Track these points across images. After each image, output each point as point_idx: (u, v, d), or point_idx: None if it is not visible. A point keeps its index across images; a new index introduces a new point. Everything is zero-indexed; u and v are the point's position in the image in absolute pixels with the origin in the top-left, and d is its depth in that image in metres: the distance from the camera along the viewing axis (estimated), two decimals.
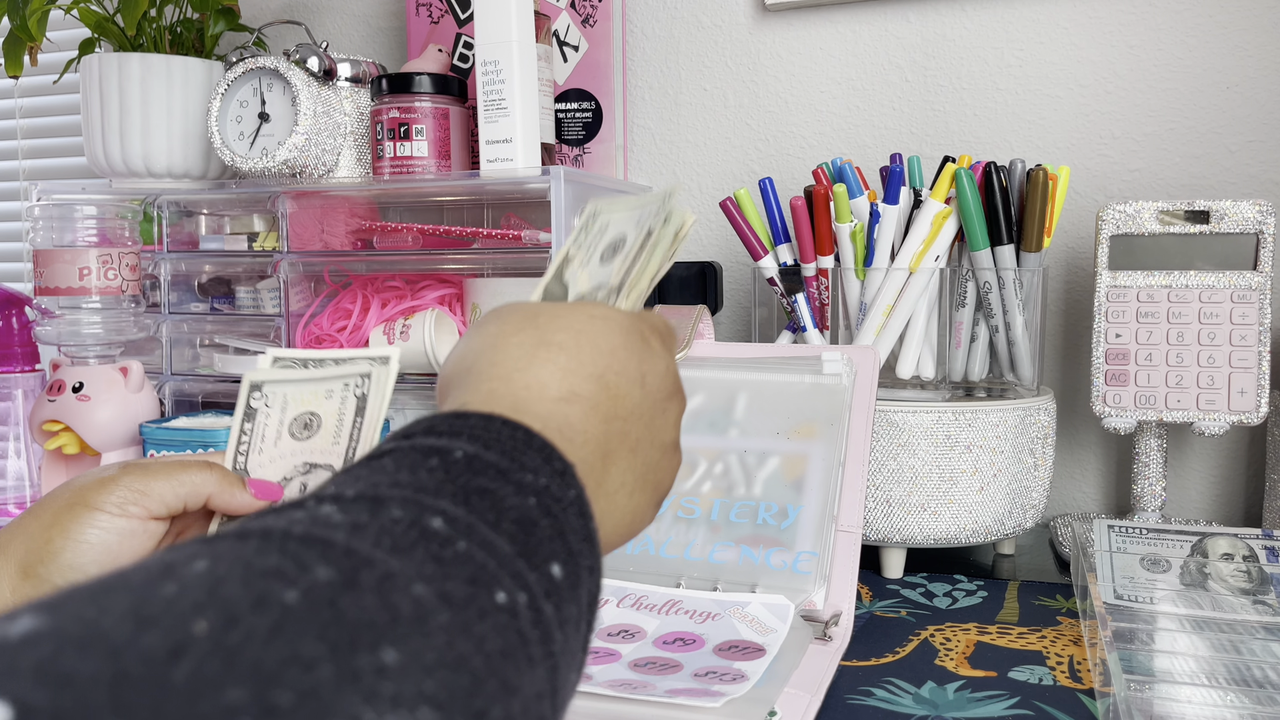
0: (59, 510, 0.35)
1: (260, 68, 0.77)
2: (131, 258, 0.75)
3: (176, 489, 0.36)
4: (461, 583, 0.20)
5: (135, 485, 0.35)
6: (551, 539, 0.24)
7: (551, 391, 0.29)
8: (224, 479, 0.37)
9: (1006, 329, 0.65)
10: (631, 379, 0.31)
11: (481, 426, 0.26)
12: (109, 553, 0.34)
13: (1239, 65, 0.73)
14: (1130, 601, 0.51)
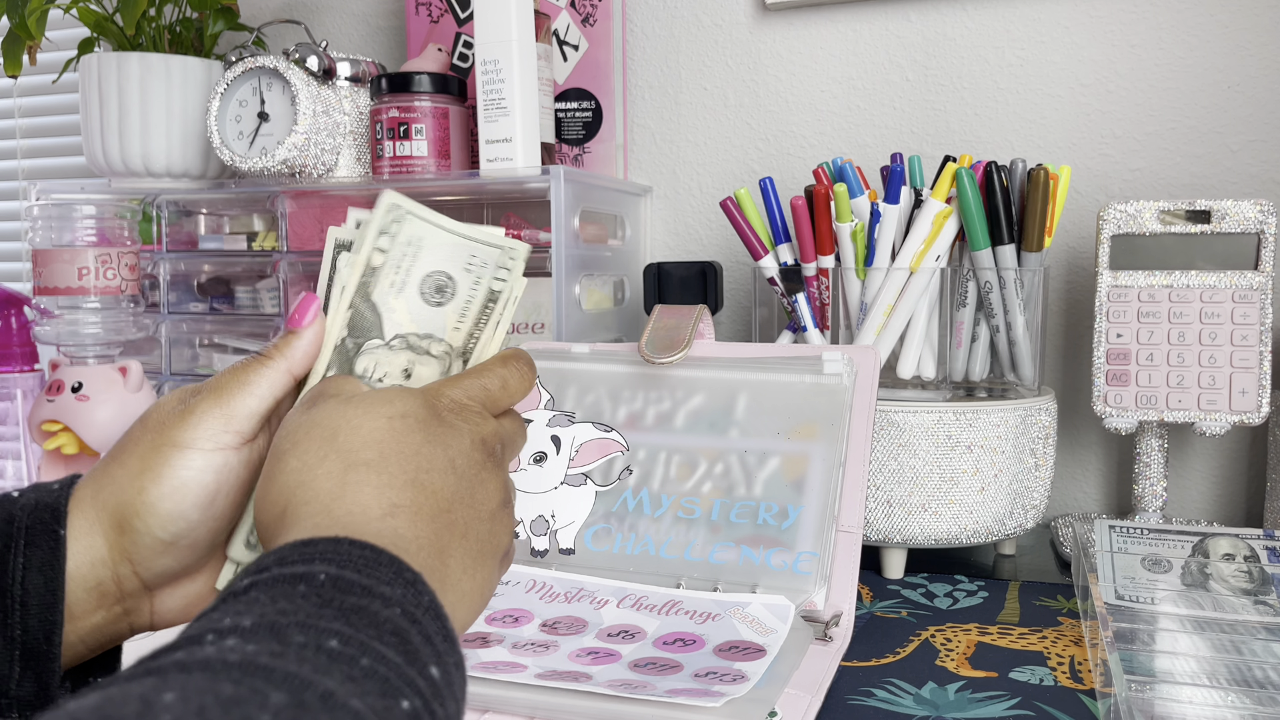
0: (145, 454, 0.33)
1: (259, 67, 0.77)
2: (130, 257, 0.75)
3: (260, 393, 0.34)
4: (377, 695, 0.22)
5: (218, 411, 0.34)
6: (423, 644, 0.25)
7: (374, 511, 0.29)
8: (281, 350, 0.36)
9: (1007, 329, 0.65)
10: (442, 469, 0.32)
11: (332, 549, 0.26)
12: (207, 491, 0.33)
13: (1240, 64, 0.73)
14: (1131, 602, 0.51)
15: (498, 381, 0.36)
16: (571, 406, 0.60)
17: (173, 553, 0.33)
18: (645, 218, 0.89)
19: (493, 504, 0.33)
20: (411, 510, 0.30)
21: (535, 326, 0.75)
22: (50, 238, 0.73)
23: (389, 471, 0.30)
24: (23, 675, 0.32)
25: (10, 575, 0.32)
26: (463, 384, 0.35)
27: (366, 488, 0.30)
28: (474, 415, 0.34)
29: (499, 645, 0.48)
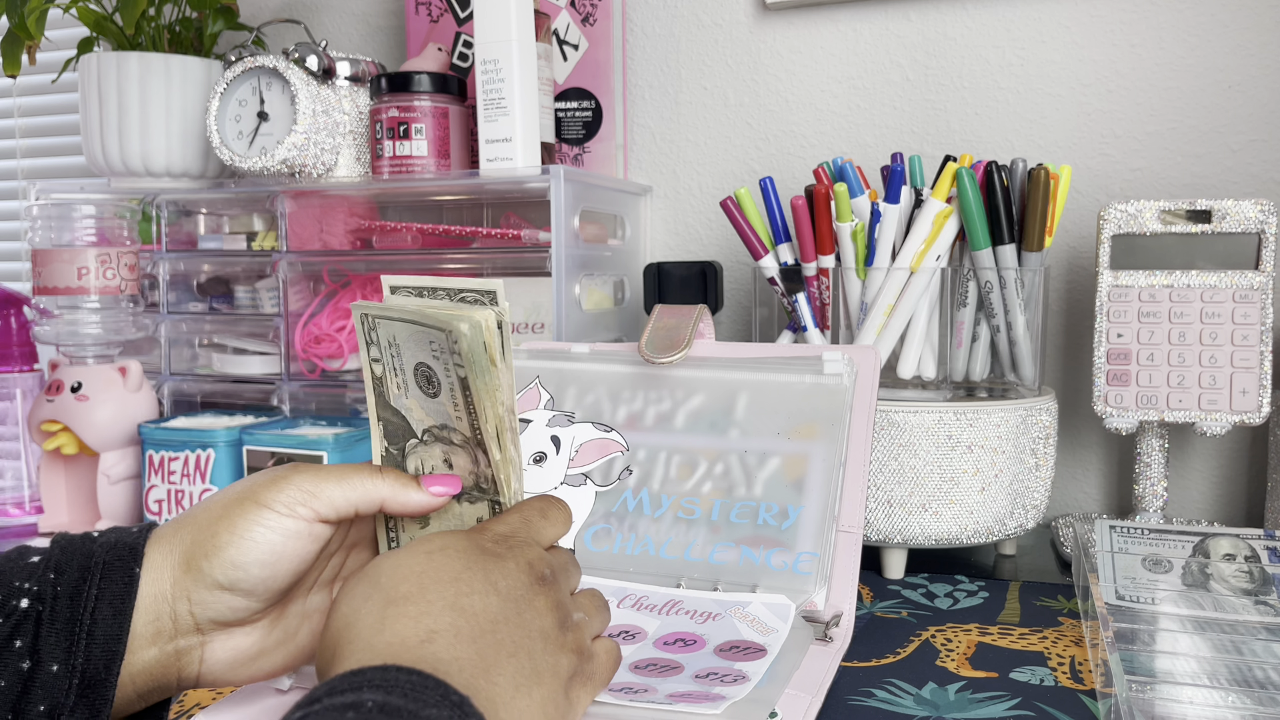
0: (229, 504, 0.36)
1: (259, 67, 0.77)
2: (130, 257, 0.75)
3: (348, 493, 0.36)
4: None
5: (306, 486, 0.36)
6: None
7: (411, 640, 0.30)
8: (397, 480, 0.38)
9: (1008, 329, 0.65)
10: (483, 591, 0.33)
11: (379, 676, 0.27)
12: (273, 551, 0.35)
13: (1241, 64, 0.73)
14: (1132, 602, 0.51)
15: (537, 512, 0.38)
16: (571, 406, 0.60)
17: (227, 599, 0.36)
18: (645, 217, 0.89)
19: (545, 623, 0.34)
20: (451, 634, 0.31)
21: (535, 326, 0.75)
22: (50, 237, 0.73)
23: (426, 599, 0.32)
24: (76, 704, 0.33)
25: (83, 606, 0.34)
26: (505, 519, 0.38)
27: (404, 619, 0.31)
28: (518, 543, 0.36)
29: None
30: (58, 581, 0.34)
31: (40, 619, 0.33)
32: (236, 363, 0.81)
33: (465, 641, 0.31)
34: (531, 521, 0.38)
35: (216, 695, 0.45)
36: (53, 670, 0.33)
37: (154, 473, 0.71)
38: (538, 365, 0.62)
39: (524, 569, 0.35)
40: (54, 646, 0.33)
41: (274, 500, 0.35)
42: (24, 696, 0.33)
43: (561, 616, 0.35)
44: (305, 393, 0.79)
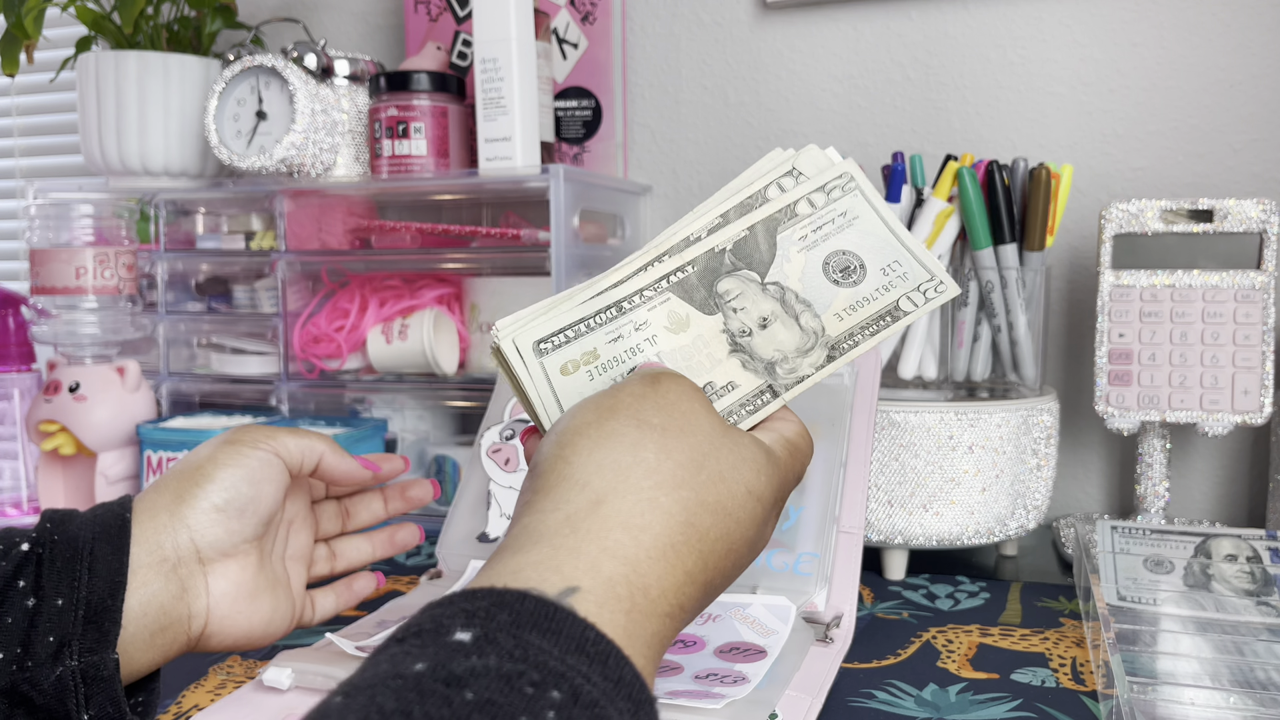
0: (207, 451, 0.41)
1: (257, 66, 0.77)
2: (128, 257, 0.75)
3: (299, 441, 0.42)
4: None
5: (264, 431, 0.42)
6: None
7: (666, 586, 0.29)
8: (335, 448, 0.43)
9: (1009, 329, 0.65)
10: (749, 522, 0.32)
11: (594, 646, 0.25)
12: (254, 475, 0.40)
13: (1243, 63, 0.72)
14: (1133, 603, 0.51)
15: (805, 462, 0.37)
16: None
17: (223, 521, 0.39)
18: (645, 217, 0.88)
19: (765, 536, 0.34)
20: (697, 588, 0.30)
21: None
22: (48, 237, 0.73)
23: (698, 531, 0.30)
24: (85, 632, 0.35)
25: (81, 546, 0.36)
26: (802, 428, 0.37)
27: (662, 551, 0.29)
28: (800, 463, 0.35)
29: None
30: (55, 531, 0.37)
31: (41, 560, 0.36)
32: (235, 363, 0.81)
33: (697, 596, 0.29)
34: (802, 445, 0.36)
35: (215, 697, 0.45)
36: (57, 604, 0.35)
37: (152, 473, 0.71)
38: None
39: (782, 499, 0.34)
40: (57, 582, 0.35)
41: (242, 438, 0.41)
42: (31, 630, 0.34)
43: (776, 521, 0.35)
44: (304, 393, 0.79)
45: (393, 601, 0.55)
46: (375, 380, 0.77)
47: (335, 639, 0.46)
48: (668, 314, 0.36)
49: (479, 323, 0.77)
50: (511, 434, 0.59)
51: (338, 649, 0.46)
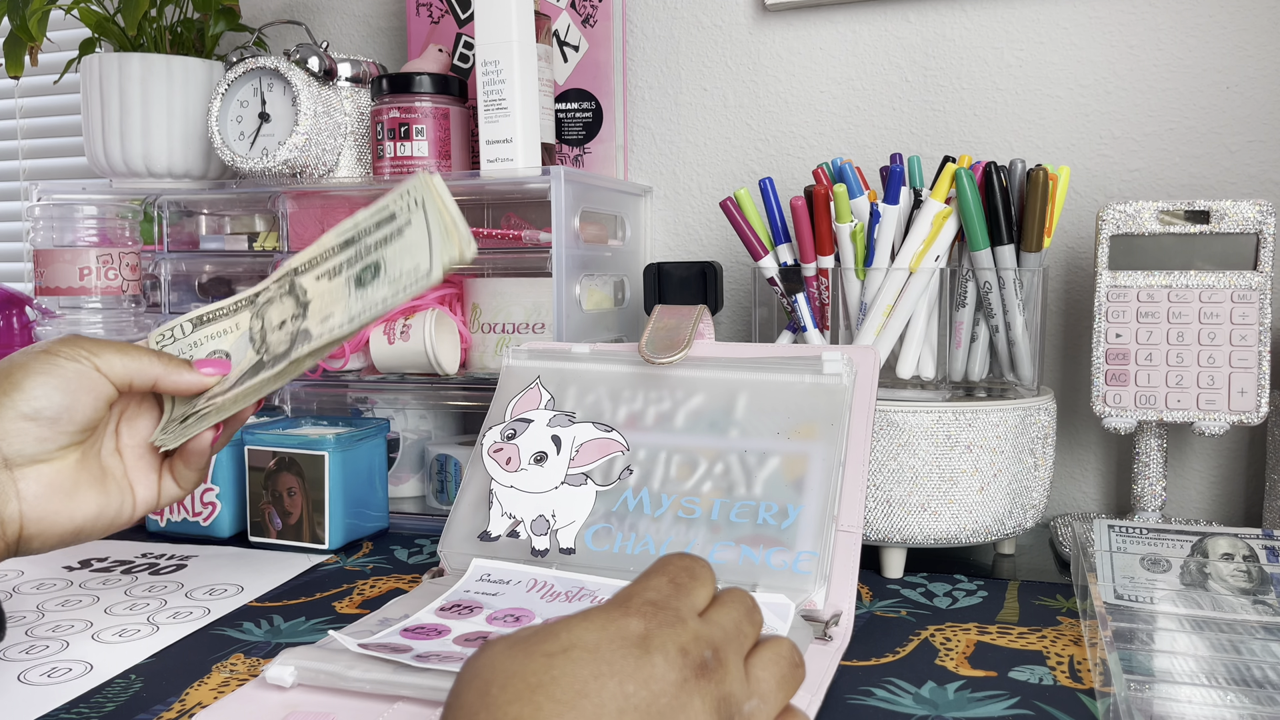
0: (21, 357, 0.41)
1: (260, 68, 0.77)
2: (132, 258, 0.75)
3: (126, 362, 0.42)
4: None
5: (86, 344, 0.42)
6: None
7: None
8: (171, 361, 0.43)
9: (1007, 329, 0.65)
10: (617, 711, 0.27)
11: None
12: (67, 386, 0.40)
13: (1239, 65, 0.73)
14: (1130, 601, 0.51)
15: (684, 571, 0.32)
16: (572, 406, 0.60)
17: (33, 430, 0.40)
18: (645, 218, 0.89)
19: None
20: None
21: (536, 326, 0.75)
22: (52, 238, 0.73)
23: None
24: None
25: None
26: (650, 582, 0.32)
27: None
28: (668, 619, 0.29)
29: None
30: None
31: None
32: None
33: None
34: (681, 583, 0.32)
35: (218, 694, 0.45)
36: None
37: None
38: (538, 365, 0.63)
39: (675, 661, 0.28)
40: None
41: (59, 350, 0.41)
42: None
43: (727, 714, 0.29)
44: (306, 392, 0.79)
45: (396, 599, 0.55)
46: (377, 380, 0.77)
47: (338, 636, 0.47)
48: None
49: (480, 323, 0.78)
50: (512, 433, 0.59)
51: (340, 645, 0.46)
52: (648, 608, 0.30)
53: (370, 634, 0.48)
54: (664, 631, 0.29)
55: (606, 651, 0.28)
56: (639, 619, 0.29)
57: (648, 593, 0.31)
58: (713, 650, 0.29)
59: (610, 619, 0.29)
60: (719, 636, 0.30)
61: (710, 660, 0.29)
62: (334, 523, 0.67)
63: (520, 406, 0.61)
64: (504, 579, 0.55)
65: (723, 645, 0.30)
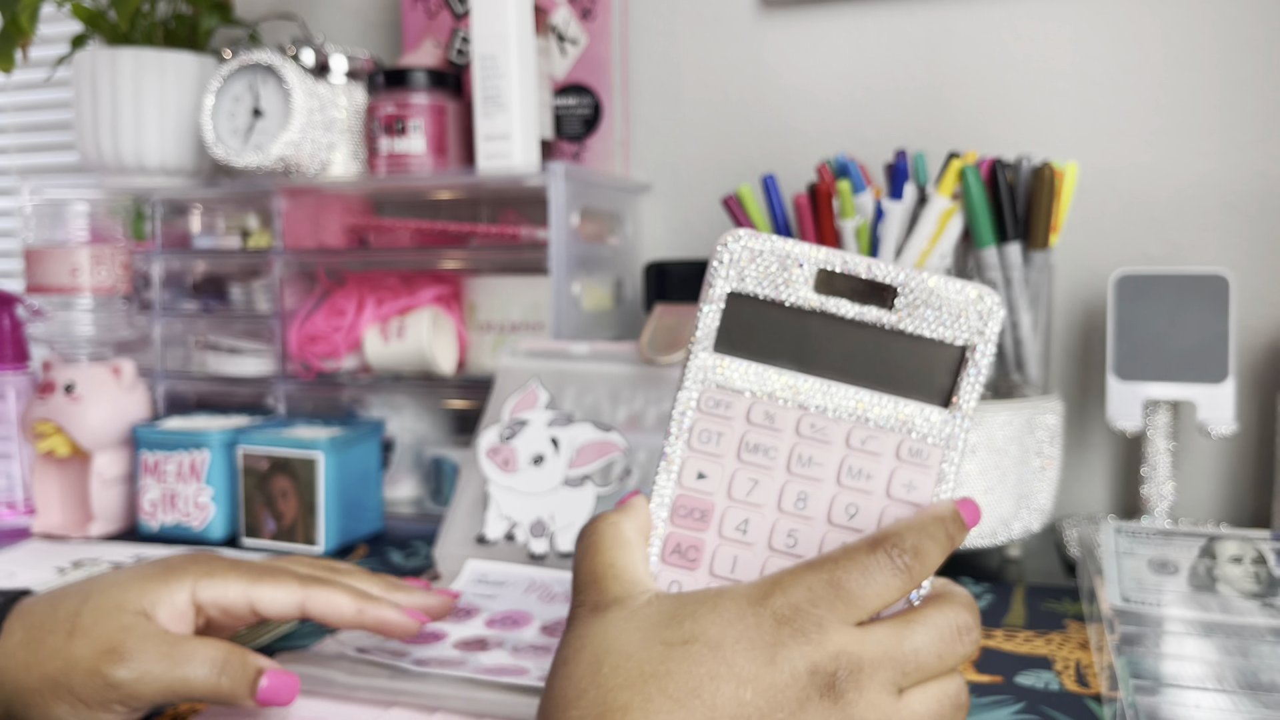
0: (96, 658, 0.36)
1: (254, 63, 0.76)
2: (123, 256, 0.75)
3: None
4: None
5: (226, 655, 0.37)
6: None
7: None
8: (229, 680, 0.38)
9: (1013, 328, 0.64)
10: (732, 709, 0.26)
11: None
12: None
13: (1249, 60, 0.72)
14: (1138, 605, 0.50)
15: (855, 567, 0.28)
16: (571, 407, 0.59)
17: None
18: (645, 215, 0.88)
19: None
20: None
21: (533, 326, 0.74)
22: (43, 236, 0.72)
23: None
24: None
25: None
26: (804, 576, 0.28)
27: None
28: (811, 624, 0.27)
29: (499, 649, 0.47)
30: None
31: None
32: (231, 362, 0.81)
33: None
34: (844, 585, 0.28)
35: None
36: None
37: (148, 474, 0.70)
38: (536, 365, 0.62)
39: (801, 677, 0.26)
40: None
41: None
42: None
43: None
44: (301, 393, 0.78)
45: None
46: (373, 380, 0.76)
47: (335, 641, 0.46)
48: None
49: (477, 322, 0.77)
50: (510, 435, 0.58)
51: (337, 650, 0.46)
52: (787, 609, 0.27)
53: (367, 639, 0.47)
54: (796, 641, 0.27)
55: (729, 651, 0.26)
56: (772, 621, 0.27)
57: (795, 590, 0.28)
58: (852, 671, 0.27)
59: (741, 614, 0.27)
60: (869, 658, 0.27)
61: (844, 682, 0.26)
62: (328, 525, 0.66)
63: (518, 407, 0.60)
64: (500, 580, 0.54)
65: (870, 668, 0.27)
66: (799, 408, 0.32)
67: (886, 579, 0.28)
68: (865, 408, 0.32)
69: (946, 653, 0.28)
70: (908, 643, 0.28)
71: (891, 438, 0.32)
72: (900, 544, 0.29)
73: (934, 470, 0.31)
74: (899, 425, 0.32)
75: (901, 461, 0.31)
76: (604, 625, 0.28)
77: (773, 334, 0.32)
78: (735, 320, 0.32)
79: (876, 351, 0.32)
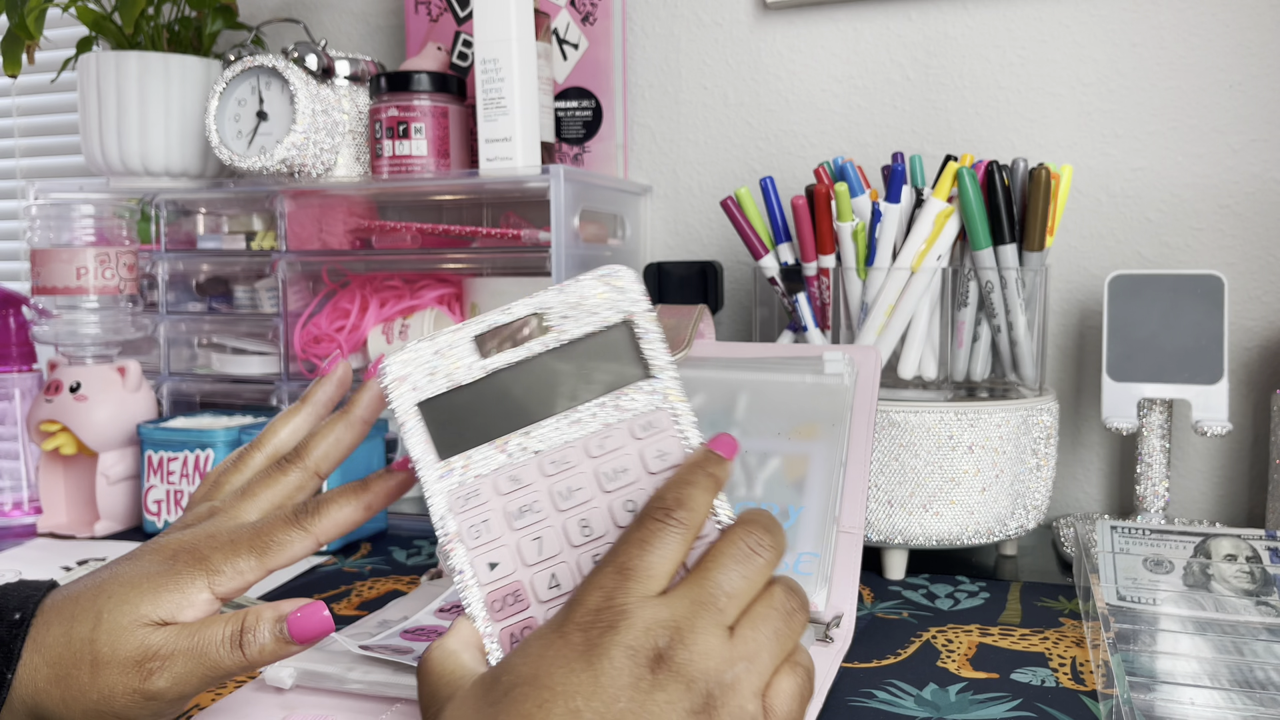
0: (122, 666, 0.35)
1: (258, 66, 0.77)
2: (129, 257, 0.75)
3: None
4: None
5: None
6: None
7: None
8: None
9: (1009, 329, 0.65)
10: None
11: None
12: None
13: (1242, 63, 0.73)
14: (1133, 603, 0.51)
15: (634, 544, 0.29)
16: None
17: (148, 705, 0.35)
18: (645, 217, 0.88)
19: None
20: None
21: None
22: (49, 237, 0.73)
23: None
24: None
25: None
26: (594, 580, 0.28)
27: None
28: (614, 615, 0.27)
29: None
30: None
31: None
32: (235, 363, 0.81)
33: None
34: (629, 566, 0.28)
35: (216, 696, 0.45)
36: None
37: (153, 473, 0.71)
38: None
39: (622, 663, 0.26)
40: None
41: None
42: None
43: (701, 699, 0.26)
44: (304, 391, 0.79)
45: (394, 601, 0.55)
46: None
47: (338, 637, 0.46)
48: None
49: None
50: None
51: (340, 647, 0.46)
52: (587, 616, 0.28)
53: (370, 636, 0.48)
54: (605, 636, 0.27)
55: (546, 676, 0.26)
56: (578, 632, 0.27)
57: (589, 595, 0.28)
58: (670, 633, 0.27)
59: (548, 642, 0.27)
60: (679, 614, 0.27)
61: (667, 648, 0.27)
62: None
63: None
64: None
65: (686, 623, 0.27)
66: (533, 454, 0.33)
67: (663, 541, 0.29)
68: (583, 421, 0.33)
69: (750, 572, 0.29)
70: (709, 582, 0.28)
71: (621, 429, 0.33)
72: (663, 504, 0.29)
73: (670, 430, 0.33)
74: (618, 416, 0.33)
75: (640, 440, 0.33)
76: (447, 714, 0.28)
77: (473, 413, 0.33)
78: (437, 424, 0.33)
79: (562, 370, 0.33)
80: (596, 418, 0.33)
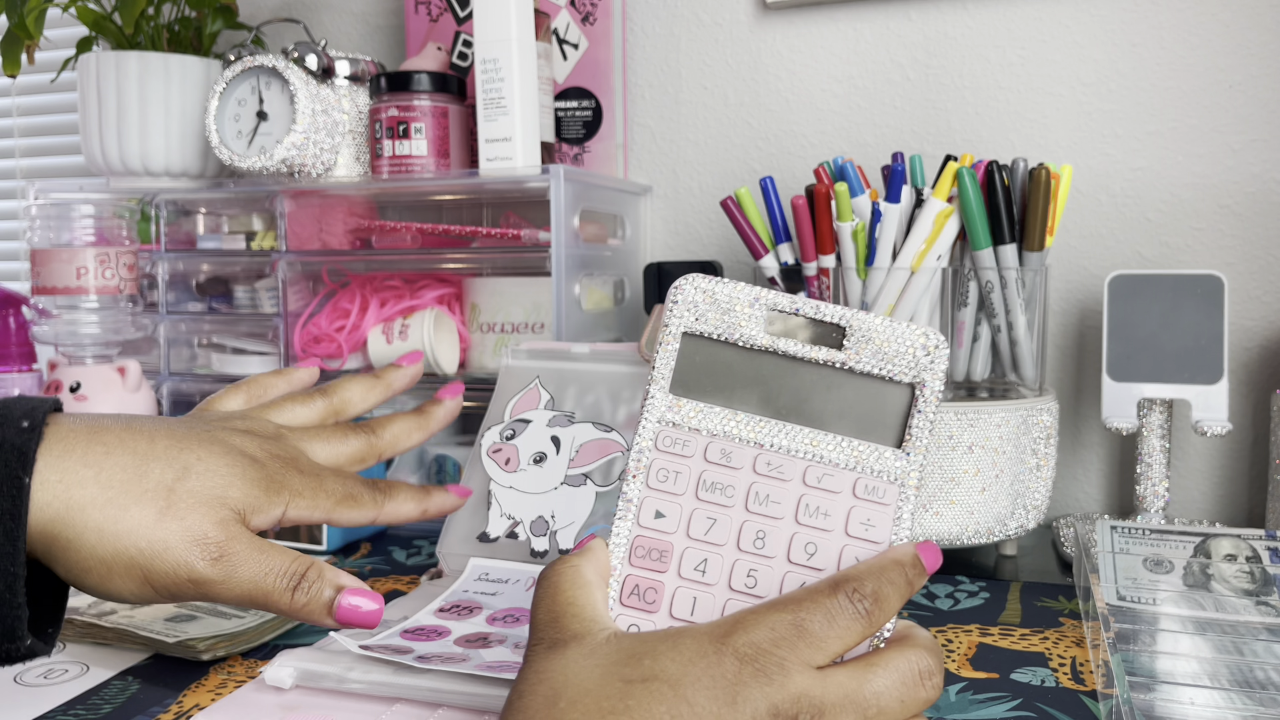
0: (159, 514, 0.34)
1: (258, 66, 0.77)
2: (129, 257, 0.75)
3: None
4: None
5: None
6: None
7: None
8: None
9: (1009, 329, 0.65)
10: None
11: None
12: None
13: (1242, 64, 0.73)
14: (1133, 603, 0.51)
15: (820, 611, 0.28)
16: (571, 407, 0.60)
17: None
18: (645, 217, 0.88)
19: None
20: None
21: (535, 326, 0.75)
22: (48, 237, 0.73)
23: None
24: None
25: None
26: (767, 616, 0.28)
27: None
28: (771, 665, 0.26)
29: (501, 645, 0.47)
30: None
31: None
32: (236, 363, 0.81)
33: None
34: (808, 628, 0.28)
35: (216, 696, 0.45)
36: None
37: None
38: (538, 365, 0.62)
39: (764, 715, 0.26)
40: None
41: None
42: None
43: None
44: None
45: (394, 601, 0.55)
46: None
47: (338, 637, 0.46)
48: None
49: (479, 323, 0.77)
50: (512, 434, 0.59)
51: (340, 647, 0.46)
52: (749, 649, 0.27)
53: (370, 635, 0.48)
54: (758, 682, 0.26)
55: (689, 689, 0.26)
56: (734, 661, 0.26)
57: (758, 630, 0.27)
58: (813, 715, 0.26)
59: (702, 652, 0.27)
60: (831, 701, 0.27)
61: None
62: None
63: (519, 407, 0.61)
64: (502, 578, 0.55)
65: (831, 712, 0.27)
66: (756, 445, 0.32)
67: (848, 622, 0.28)
68: (820, 445, 0.32)
69: (909, 697, 0.28)
70: (869, 687, 0.28)
71: (848, 475, 0.32)
72: (861, 588, 0.29)
73: (891, 509, 0.31)
74: (854, 463, 0.32)
75: (859, 499, 0.32)
76: (562, 662, 0.27)
77: (728, 373, 0.32)
78: (691, 360, 0.33)
79: (829, 390, 0.32)
80: (833, 450, 0.32)
